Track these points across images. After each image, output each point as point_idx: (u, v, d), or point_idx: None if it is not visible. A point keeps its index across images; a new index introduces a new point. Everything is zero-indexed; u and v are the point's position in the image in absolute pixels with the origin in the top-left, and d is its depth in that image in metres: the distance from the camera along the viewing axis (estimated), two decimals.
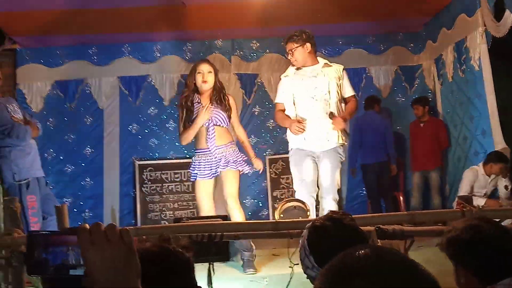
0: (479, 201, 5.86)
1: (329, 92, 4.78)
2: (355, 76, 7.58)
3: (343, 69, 4.99)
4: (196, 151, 5.04)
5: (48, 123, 7.11)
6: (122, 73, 7.40)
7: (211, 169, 4.91)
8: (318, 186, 4.83)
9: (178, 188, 7.18)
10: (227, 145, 4.96)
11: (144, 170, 7.21)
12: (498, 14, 5.67)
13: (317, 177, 4.83)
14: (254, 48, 7.53)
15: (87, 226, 1.05)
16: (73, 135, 7.27)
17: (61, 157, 7.21)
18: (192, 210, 7.13)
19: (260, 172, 5.49)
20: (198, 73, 4.97)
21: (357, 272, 0.99)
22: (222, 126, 4.97)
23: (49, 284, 1.24)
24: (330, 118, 4.70)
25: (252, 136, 7.45)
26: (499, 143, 5.98)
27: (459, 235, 2.02)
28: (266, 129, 7.45)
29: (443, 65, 7.07)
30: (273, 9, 6.36)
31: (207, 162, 4.91)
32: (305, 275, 2.09)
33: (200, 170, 4.92)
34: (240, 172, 4.98)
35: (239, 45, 7.54)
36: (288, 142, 5.07)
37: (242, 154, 5.10)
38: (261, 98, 7.52)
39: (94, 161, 7.26)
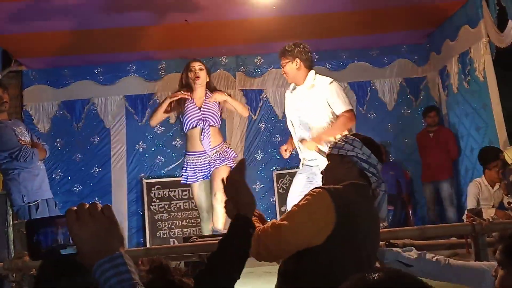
0: (488, 212, 5.83)
1: (316, 115, 4.56)
2: (360, 89, 7.63)
3: (330, 82, 4.58)
4: (188, 153, 5.07)
5: (55, 143, 7.15)
6: (128, 92, 7.44)
7: (204, 171, 4.96)
8: None
9: (186, 205, 7.17)
10: (220, 145, 5.04)
11: (152, 188, 7.22)
12: (501, 25, 5.69)
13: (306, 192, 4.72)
14: (259, 64, 7.57)
15: (74, 207, 1.21)
16: (81, 155, 7.30)
17: (69, 177, 7.24)
18: (200, 227, 7.12)
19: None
20: (190, 71, 5.07)
21: None
22: (215, 126, 5.05)
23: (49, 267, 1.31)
24: (301, 143, 4.61)
25: (259, 152, 7.47)
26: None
27: None
28: (273, 144, 7.44)
29: (447, 77, 7.08)
30: (276, 25, 6.39)
31: (203, 164, 4.96)
32: None
33: (194, 173, 4.97)
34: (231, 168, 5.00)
35: (243, 61, 7.58)
36: (294, 157, 5.04)
37: (233, 152, 5.18)
38: (267, 113, 7.54)
39: (102, 180, 7.27)
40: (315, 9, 6.22)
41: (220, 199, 4.80)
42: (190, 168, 4.99)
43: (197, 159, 4.98)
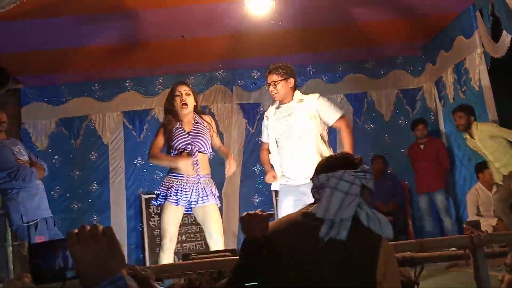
0: (490, 221, 5.87)
1: (303, 131, 4.61)
2: (357, 101, 7.66)
3: (318, 97, 4.73)
4: (172, 174, 4.65)
5: (53, 160, 7.15)
6: (126, 108, 7.47)
7: (190, 199, 4.61)
8: None
9: (185, 220, 7.13)
10: (207, 176, 4.73)
11: (151, 204, 7.21)
12: (495, 35, 5.73)
13: None
14: (255, 77, 7.60)
15: (75, 230, 1.21)
16: (79, 172, 7.31)
17: (68, 194, 7.22)
18: (200, 242, 7.12)
19: (227, 174, 4.91)
20: (176, 96, 4.68)
21: None
22: (205, 153, 4.72)
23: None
24: None
25: (257, 165, 7.47)
26: None
27: None
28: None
29: (443, 87, 7.11)
30: (273, 39, 6.43)
31: (189, 190, 4.61)
32: None
33: (176, 195, 4.57)
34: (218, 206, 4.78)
35: (240, 76, 7.61)
36: None
37: (216, 189, 4.81)
38: None
39: (100, 196, 7.27)
40: (310, 23, 6.26)
41: (219, 241, 4.64)
42: (173, 189, 4.57)
43: (182, 183, 4.60)
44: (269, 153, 4.84)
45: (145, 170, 7.39)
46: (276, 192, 7.32)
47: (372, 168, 7.35)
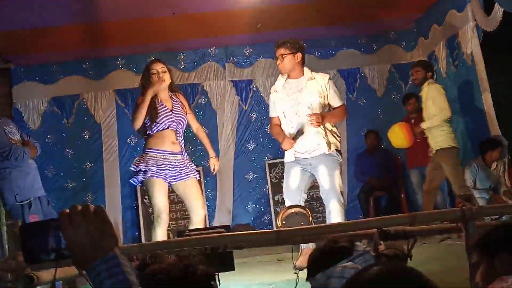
0: (484, 194, 5.93)
1: (310, 107, 4.73)
2: (349, 76, 7.65)
3: (329, 78, 4.88)
4: (155, 150, 4.64)
5: (46, 140, 7.14)
6: (118, 86, 7.42)
7: (171, 174, 4.65)
8: (315, 193, 4.79)
9: (179, 197, 7.15)
10: (184, 151, 4.81)
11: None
12: (488, 8, 5.71)
13: (305, 184, 4.84)
14: (248, 54, 7.56)
15: (67, 210, 1.21)
16: (72, 151, 7.30)
17: (62, 173, 7.23)
18: None
19: (214, 173, 5.19)
20: (153, 74, 4.69)
21: None
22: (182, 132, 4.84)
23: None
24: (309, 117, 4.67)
25: (251, 142, 7.49)
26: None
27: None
28: (264, 134, 7.45)
29: (436, 61, 7.09)
30: (265, 15, 6.39)
31: (171, 164, 4.64)
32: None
33: (158, 170, 4.58)
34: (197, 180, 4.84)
35: (232, 52, 7.57)
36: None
37: (192, 163, 4.90)
38: (257, 103, 7.54)
39: (94, 175, 7.28)
40: None
41: (201, 215, 4.76)
42: (154, 164, 4.58)
43: (165, 158, 4.63)
44: (280, 125, 4.93)
45: (139, 148, 7.33)
46: (270, 167, 7.41)
47: (365, 142, 7.39)
